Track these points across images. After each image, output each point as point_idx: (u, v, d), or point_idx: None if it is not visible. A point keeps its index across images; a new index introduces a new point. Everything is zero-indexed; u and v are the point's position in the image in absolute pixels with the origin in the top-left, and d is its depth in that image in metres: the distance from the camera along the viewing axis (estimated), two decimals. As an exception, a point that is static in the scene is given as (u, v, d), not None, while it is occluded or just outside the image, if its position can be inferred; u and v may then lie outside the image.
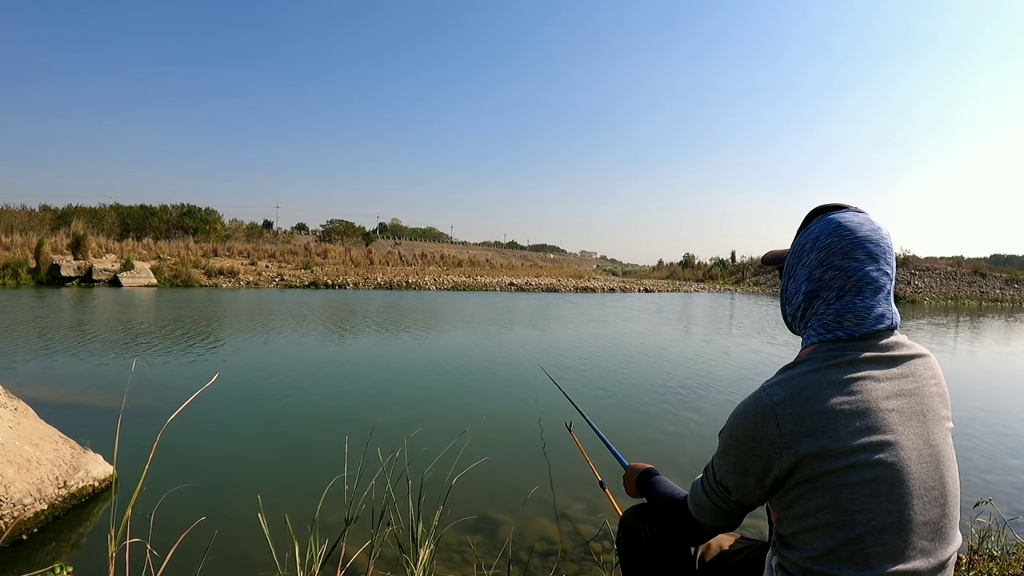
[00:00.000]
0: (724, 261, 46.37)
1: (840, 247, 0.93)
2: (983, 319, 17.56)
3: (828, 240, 0.94)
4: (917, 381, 0.91)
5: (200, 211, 34.43)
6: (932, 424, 0.89)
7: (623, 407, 5.00)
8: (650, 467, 1.35)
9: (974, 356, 9.38)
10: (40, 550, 2.34)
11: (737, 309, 18.80)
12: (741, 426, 0.92)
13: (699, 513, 1.05)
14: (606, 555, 2.41)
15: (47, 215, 28.89)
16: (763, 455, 0.89)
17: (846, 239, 0.93)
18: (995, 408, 5.43)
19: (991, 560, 2.16)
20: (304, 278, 24.11)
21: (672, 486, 1.25)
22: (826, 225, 0.96)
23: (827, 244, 0.94)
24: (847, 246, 0.93)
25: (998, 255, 49.03)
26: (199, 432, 3.86)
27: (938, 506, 0.86)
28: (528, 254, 63.96)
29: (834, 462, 0.83)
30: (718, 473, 0.99)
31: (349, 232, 42.12)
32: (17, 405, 3.02)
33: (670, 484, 1.26)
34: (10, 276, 18.79)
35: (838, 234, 0.94)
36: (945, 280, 30.66)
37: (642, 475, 1.32)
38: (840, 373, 0.88)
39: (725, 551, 1.23)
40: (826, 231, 0.95)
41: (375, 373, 6.32)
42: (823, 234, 0.95)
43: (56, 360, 6.34)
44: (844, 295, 0.92)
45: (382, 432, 3.67)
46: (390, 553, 2.28)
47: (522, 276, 34.21)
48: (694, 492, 1.07)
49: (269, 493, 2.81)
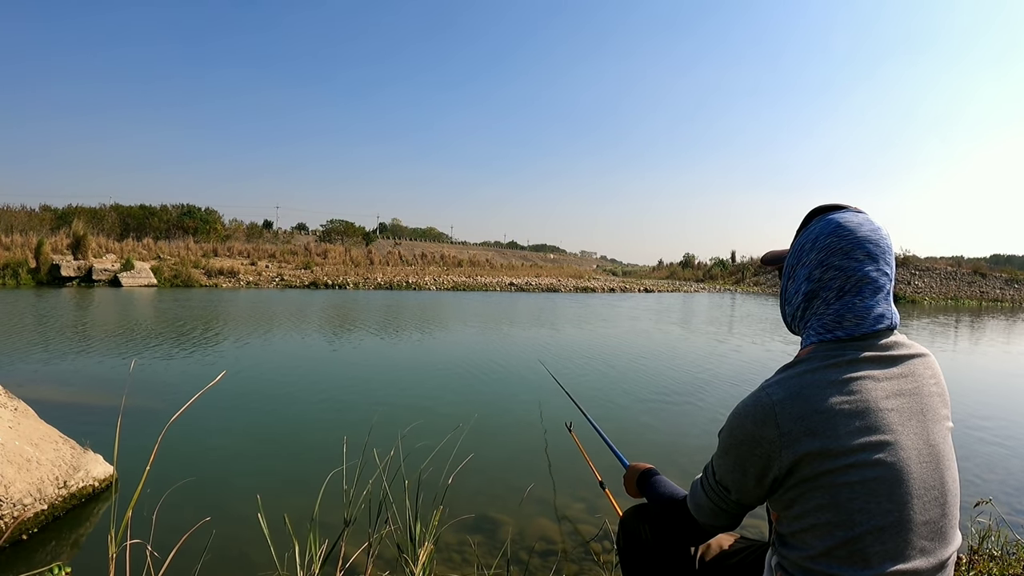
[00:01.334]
0: (724, 261, 46.35)
1: (840, 247, 0.93)
2: (983, 319, 17.55)
3: (828, 240, 0.94)
4: (917, 381, 0.91)
5: (200, 211, 34.43)
6: (932, 424, 0.89)
7: (624, 406, 5.00)
8: (650, 467, 1.34)
9: (974, 356, 9.38)
10: (40, 550, 2.34)
11: (737, 309, 18.79)
12: (740, 425, 0.92)
13: (699, 512, 1.05)
14: (606, 555, 2.41)
15: (47, 215, 28.88)
16: (762, 454, 0.89)
17: (846, 239, 0.93)
18: (995, 408, 5.43)
19: (991, 560, 2.16)
20: (304, 278, 24.10)
21: (672, 486, 1.25)
22: (826, 225, 0.96)
23: (827, 244, 0.94)
24: (847, 246, 0.93)
25: (998, 255, 49.11)
26: (198, 431, 3.86)
27: (938, 506, 0.86)
28: (528, 254, 63.94)
29: (833, 462, 0.83)
30: (718, 473, 0.99)
31: (349, 232, 42.12)
32: (17, 405, 3.02)
33: (670, 484, 1.26)
34: (10, 276, 18.79)
35: (838, 234, 0.94)
36: (945, 280, 30.66)
37: (643, 475, 1.32)
38: (840, 373, 0.88)
39: (725, 551, 1.23)
40: (826, 231, 0.95)
41: (374, 372, 6.32)
42: (823, 234, 0.95)
43: (56, 360, 6.34)
44: (844, 295, 0.92)
45: (382, 432, 3.67)
46: (390, 553, 2.28)
47: (522, 276, 34.21)
48: (694, 492, 1.07)
49: (269, 493, 2.81)
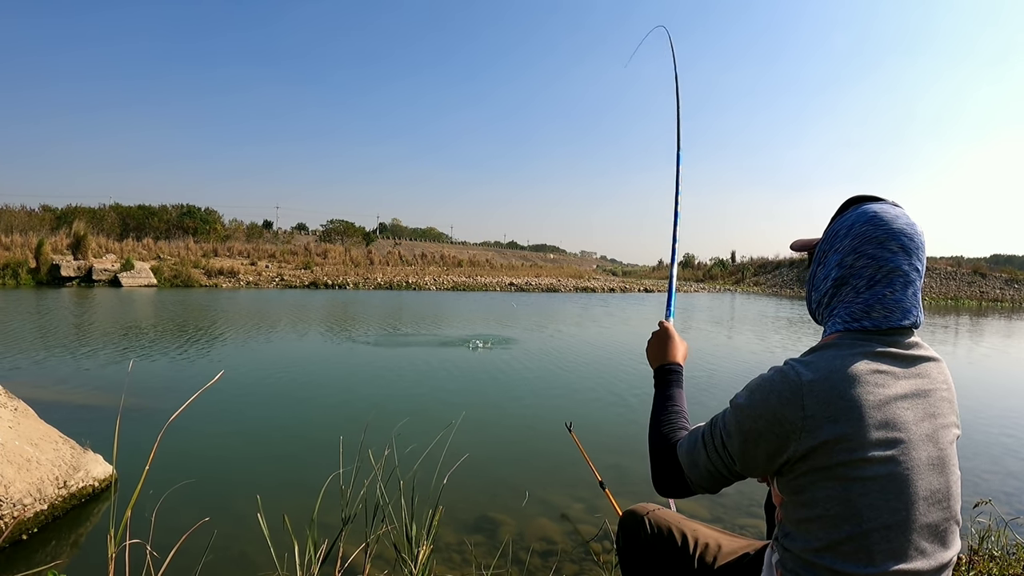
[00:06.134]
0: (724, 261, 46.37)
1: (874, 236, 0.92)
2: (983, 319, 17.56)
3: (863, 228, 0.93)
4: (931, 383, 0.90)
5: (200, 211, 34.43)
6: (941, 428, 0.89)
7: (628, 405, 5.00)
8: (678, 366, 1.21)
9: (974, 356, 9.38)
10: (40, 550, 2.34)
11: (738, 309, 18.79)
12: (764, 400, 0.88)
13: (692, 469, 0.98)
14: (606, 555, 2.41)
15: (47, 215, 28.87)
16: (781, 434, 0.86)
17: (881, 228, 0.92)
18: (995, 408, 5.43)
19: (991, 560, 2.16)
20: (304, 278, 24.11)
21: (677, 417, 1.11)
22: (862, 214, 0.95)
23: (862, 232, 0.93)
24: (882, 236, 0.92)
25: (998, 255, 49.07)
26: (197, 431, 3.86)
27: (942, 509, 0.86)
28: (528, 254, 63.92)
29: (850, 454, 0.82)
30: (727, 440, 0.93)
31: (349, 232, 42.12)
32: (17, 405, 3.02)
33: (678, 411, 1.13)
34: (10, 276, 18.80)
35: (873, 223, 0.93)
36: (945, 280, 30.67)
37: (670, 369, 1.20)
38: (866, 363, 0.87)
39: (724, 551, 1.23)
40: (862, 219, 0.94)
41: (374, 372, 6.32)
42: (859, 222, 0.94)
43: (56, 360, 6.34)
44: (874, 285, 0.91)
45: (382, 432, 3.67)
46: (389, 553, 2.28)
47: (522, 276, 34.22)
48: (692, 446, 0.99)
49: (268, 492, 2.81)
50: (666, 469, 1.02)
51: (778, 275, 37.13)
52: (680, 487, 1.01)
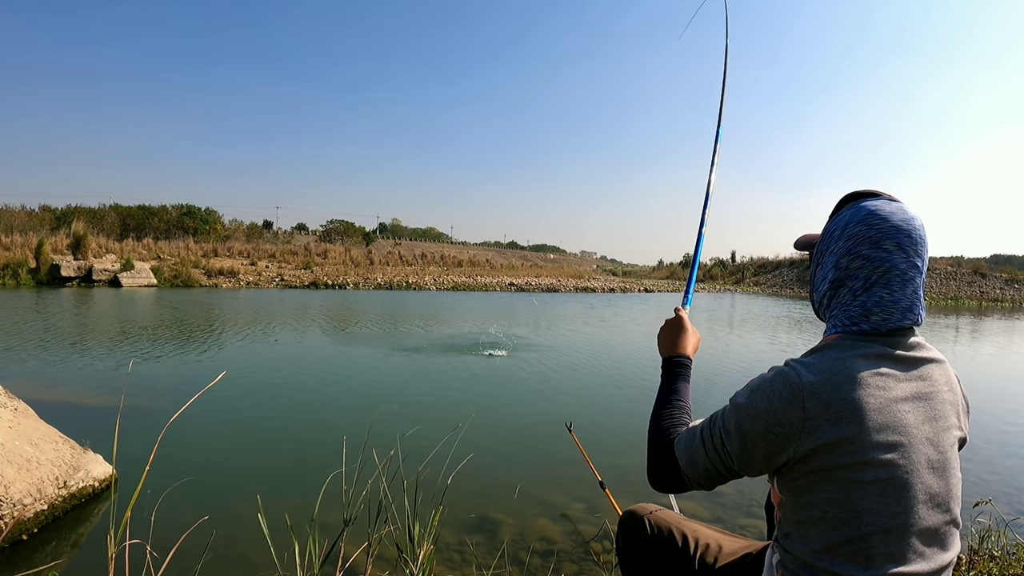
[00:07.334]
0: (724, 261, 46.33)
1: (868, 236, 0.90)
2: (983, 319, 17.55)
3: (857, 228, 0.91)
4: (933, 386, 0.89)
5: (200, 211, 34.41)
6: (942, 431, 0.88)
7: (630, 404, 5.00)
8: (687, 359, 1.19)
9: (974, 356, 9.38)
10: (40, 550, 2.34)
11: (738, 309, 18.78)
12: (765, 401, 0.87)
13: (689, 466, 0.97)
14: (606, 555, 2.41)
15: (47, 215, 28.85)
16: (781, 435, 0.86)
17: (875, 228, 0.90)
18: (995, 409, 5.43)
19: (991, 560, 2.16)
20: (304, 278, 24.10)
21: (680, 411, 1.10)
22: (856, 212, 0.93)
23: (856, 232, 0.91)
24: (876, 235, 0.90)
25: (998, 255, 49.08)
26: (198, 432, 3.86)
27: (942, 512, 0.85)
28: (528, 254, 63.89)
29: (850, 456, 0.82)
30: (727, 440, 0.92)
31: (349, 232, 42.10)
32: (17, 405, 3.02)
33: (681, 406, 1.11)
34: (10, 276, 18.79)
35: (867, 222, 0.91)
36: (945, 280, 30.65)
37: (679, 361, 1.17)
38: (866, 366, 0.86)
39: (725, 551, 1.22)
40: (856, 219, 0.92)
41: (374, 372, 6.32)
42: (852, 221, 0.93)
43: (56, 360, 6.34)
44: (871, 286, 0.90)
45: (382, 432, 3.67)
46: (390, 553, 2.28)
47: (522, 276, 34.20)
48: (691, 443, 0.97)
49: (268, 493, 2.81)
50: (662, 464, 1.02)
51: (778, 275, 37.14)
52: (675, 482, 1.00)
